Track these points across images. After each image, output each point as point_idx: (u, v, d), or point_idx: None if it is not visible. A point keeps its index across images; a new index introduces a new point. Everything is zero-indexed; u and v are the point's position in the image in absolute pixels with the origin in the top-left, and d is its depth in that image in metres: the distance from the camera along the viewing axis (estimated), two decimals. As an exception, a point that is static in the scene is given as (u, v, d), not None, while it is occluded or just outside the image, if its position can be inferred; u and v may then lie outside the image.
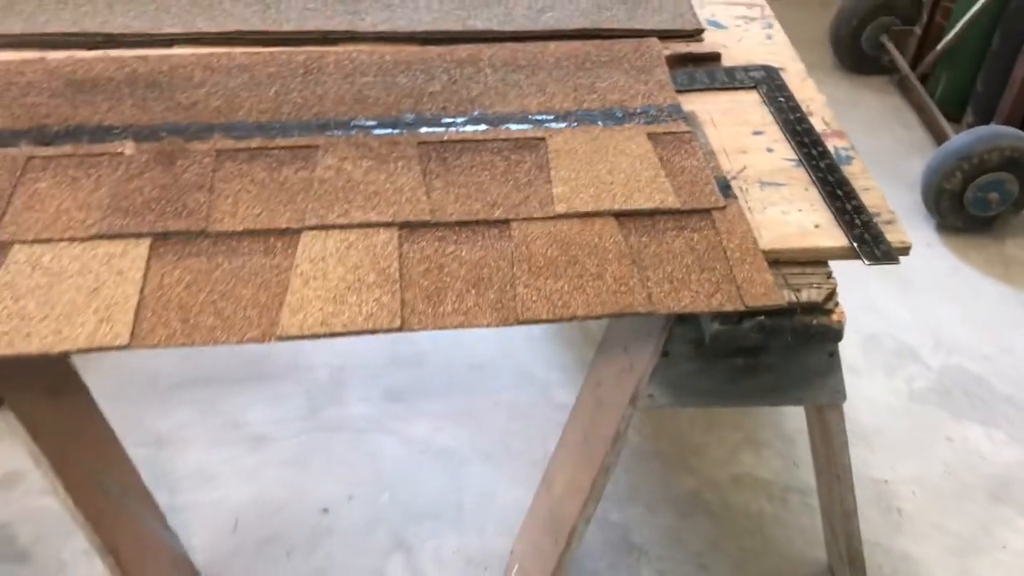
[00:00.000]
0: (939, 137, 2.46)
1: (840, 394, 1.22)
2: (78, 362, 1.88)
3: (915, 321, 2.07)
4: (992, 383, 1.92)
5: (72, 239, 1.07)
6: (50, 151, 1.18)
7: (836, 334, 1.09)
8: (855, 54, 2.82)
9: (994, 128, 2.18)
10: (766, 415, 1.85)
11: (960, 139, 2.18)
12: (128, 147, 1.20)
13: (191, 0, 1.47)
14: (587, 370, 1.40)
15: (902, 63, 2.69)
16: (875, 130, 2.66)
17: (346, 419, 1.82)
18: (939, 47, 2.54)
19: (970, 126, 2.42)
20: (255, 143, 1.21)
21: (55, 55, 1.36)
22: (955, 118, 2.58)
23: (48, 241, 1.07)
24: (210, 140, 1.22)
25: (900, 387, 1.92)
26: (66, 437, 1.30)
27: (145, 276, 1.03)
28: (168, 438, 1.78)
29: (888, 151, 2.57)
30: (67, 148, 1.19)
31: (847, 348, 2.00)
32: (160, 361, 1.92)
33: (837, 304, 1.09)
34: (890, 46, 2.74)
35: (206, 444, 1.77)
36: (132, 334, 0.97)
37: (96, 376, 1.84)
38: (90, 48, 1.39)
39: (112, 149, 1.19)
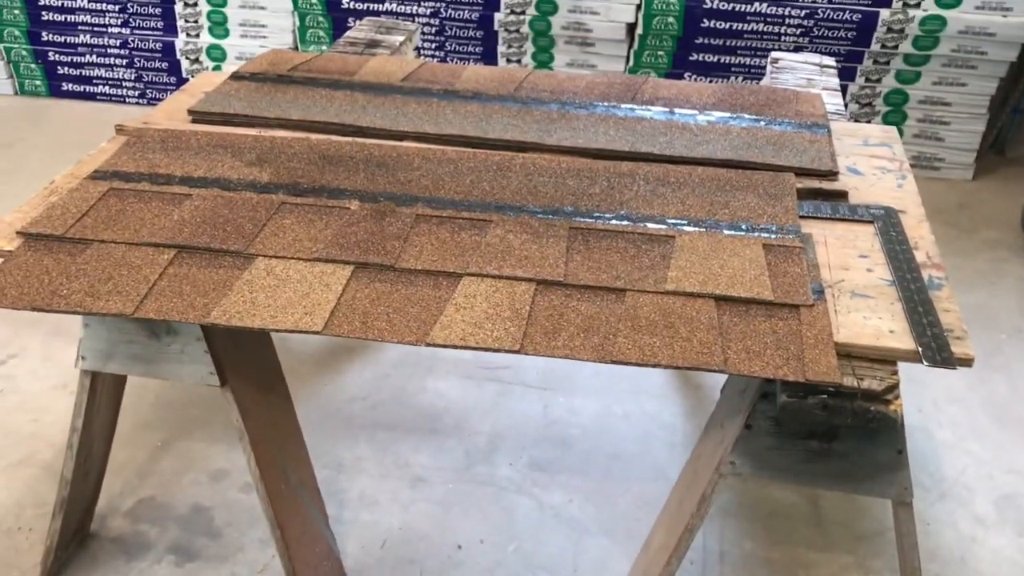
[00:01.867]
0: (1120, 323, 2.47)
1: (907, 492, 1.35)
2: (299, 391, 2.27)
3: (1060, 490, 2.07)
4: None
5: (299, 259, 1.43)
6: (298, 200, 1.58)
7: (892, 422, 1.24)
8: (1046, 237, 2.88)
9: None
10: (882, 546, 1.92)
11: None
12: (354, 204, 1.57)
13: (424, 110, 1.88)
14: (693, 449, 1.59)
15: (1092, 249, 2.71)
16: (1056, 310, 2.69)
17: (493, 477, 2.08)
18: None
19: None
20: (446, 213, 1.55)
21: (317, 136, 1.79)
22: None
23: (282, 258, 1.44)
24: (414, 207, 1.57)
25: (1029, 547, 1.93)
26: (266, 425, 1.64)
27: (344, 289, 1.37)
28: (347, 466, 2.10)
29: (1066, 331, 2.59)
30: (310, 200, 1.58)
31: (978, 502, 2.04)
32: (356, 406, 2.28)
33: (897, 397, 1.24)
34: (1082, 232, 2.78)
35: (375, 476, 2.07)
36: (325, 325, 1.30)
37: (308, 408, 2.24)
38: (343, 135, 1.81)
39: (342, 204, 1.57)
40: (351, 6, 3.56)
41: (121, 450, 2.07)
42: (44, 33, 3.81)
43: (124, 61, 3.83)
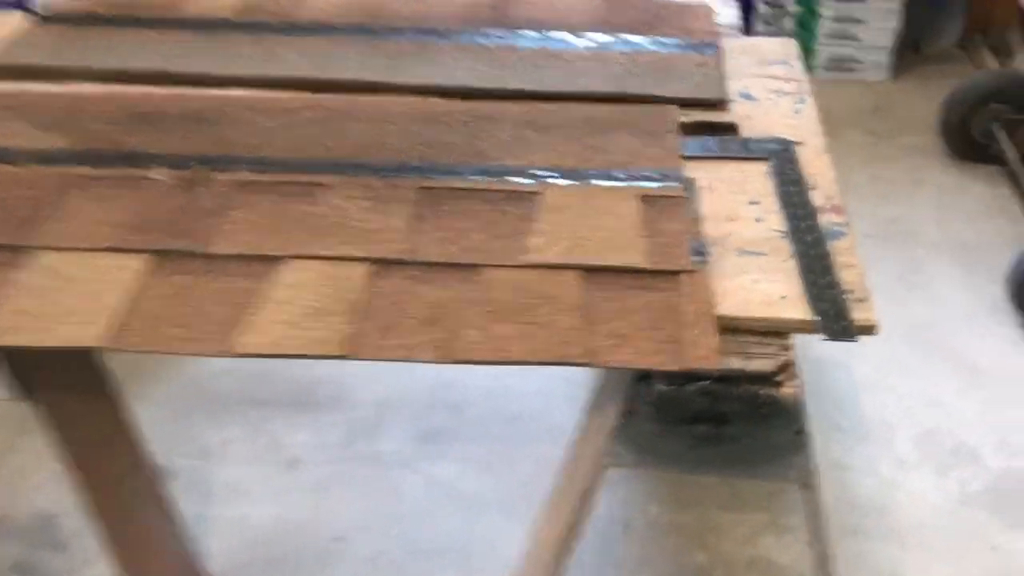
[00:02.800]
0: (1042, 232, 2.34)
1: (810, 475, 1.19)
2: (155, 371, 2.04)
3: (981, 420, 1.95)
4: (1055, 494, 1.79)
5: (88, 249, 1.19)
6: (96, 172, 1.32)
7: (785, 407, 1.07)
8: (965, 141, 2.73)
9: (1088, 225, 2.06)
10: (798, 501, 1.79)
11: (1049, 234, 2.06)
12: (161, 173, 1.32)
13: (258, 49, 1.61)
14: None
15: (1011, 153, 2.57)
16: (976, 219, 2.55)
17: (378, 454, 1.89)
18: (1051, 139, 2.42)
19: (1076, 223, 2.28)
20: (273, 177, 1.32)
21: (129, 89, 1.52)
22: (1068, 214, 2.45)
23: (69, 250, 1.19)
24: (235, 172, 1.32)
25: (950, 487, 1.82)
26: (90, 435, 1.42)
27: (136, 288, 1.13)
28: (213, 452, 1.89)
29: (986, 242, 2.46)
30: (111, 170, 1.33)
31: (899, 440, 1.91)
32: (224, 381, 2.06)
33: (792, 377, 1.07)
34: (1000, 135, 2.62)
35: (245, 461, 1.88)
36: (106, 337, 1.07)
37: (167, 389, 2.01)
38: (161, 85, 1.54)
39: (149, 174, 1.32)
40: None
41: (-46, 456, 1.84)
42: None
43: (-36, -5, 3.42)
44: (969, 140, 2.71)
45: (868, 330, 1.09)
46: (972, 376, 2.06)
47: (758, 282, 1.14)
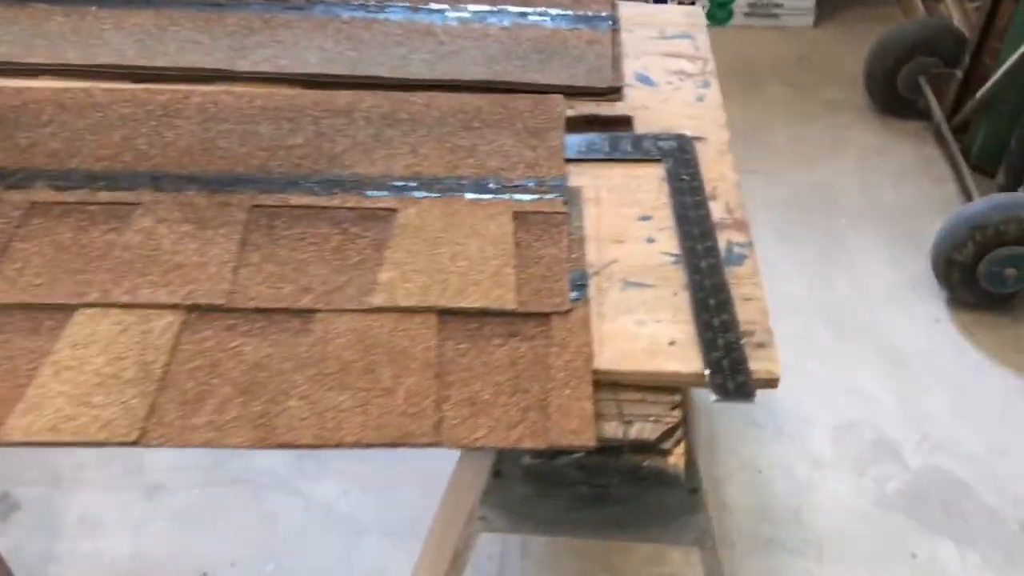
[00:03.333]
0: (967, 197, 2.20)
1: (707, 536, 1.04)
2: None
3: (902, 409, 1.84)
4: (976, 492, 1.69)
5: None
6: None
7: (673, 479, 0.91)
8: (890, 96, 2.57)
9: (1015, 196, 1.93)
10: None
11: (975, 206, 1.93)
12: (-62, 194, 1.10)
13: (72, 26, 1.37)
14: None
15: (937, 110, 2.42)
16: (901, 182, 2.41)
17: (250, 473, 1.71)
18: (978, 94, 2.27)
19: (1000, 188, 2.15)
20: (76, 196, 1.10)
21: (-91, 81, 1.27)
22: (994, 175, 2.31)
23: None
24: (30, 190, 1.11)
25: (869, 487, 1.70)
26: None
27: None
28: (65, 478, 1.69)
29: (910, 208, 2.32)
30: None
31: (816, 436, 1.79)
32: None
33: (678, 443, 0.91)
34: (927, 90, 2.48)
35: (101, 488, 1.68)
36: None
37: None
38: (-51, 75, 1.30)
39: (-79, 195, 1.09)
40: None
41: None
42: None
43: None
44: (894, 94, 2.55)
45: (769, 383, 0.93)
46: (892, 360, 1.94)
47: (643, 323, 0.97)
